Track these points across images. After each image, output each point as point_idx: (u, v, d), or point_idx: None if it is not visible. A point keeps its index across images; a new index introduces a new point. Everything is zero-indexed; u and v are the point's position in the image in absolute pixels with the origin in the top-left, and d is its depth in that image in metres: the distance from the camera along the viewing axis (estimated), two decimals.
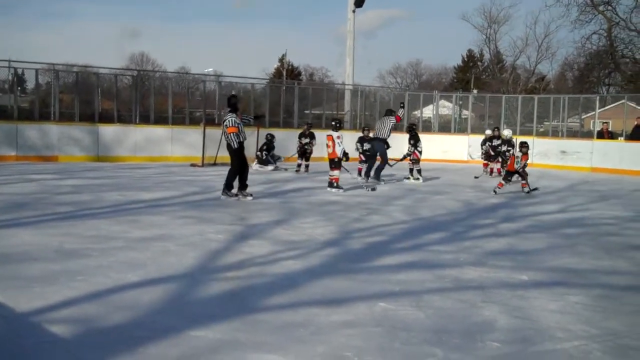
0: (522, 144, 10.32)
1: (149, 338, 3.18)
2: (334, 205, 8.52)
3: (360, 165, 12.18)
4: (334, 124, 10.49)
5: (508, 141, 13.09)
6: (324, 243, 5.82)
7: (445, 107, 23.59)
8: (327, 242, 5.86)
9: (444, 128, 20.80)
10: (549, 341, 3.38)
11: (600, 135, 17.60)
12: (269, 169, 13.87)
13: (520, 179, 10.32)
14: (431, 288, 4.38)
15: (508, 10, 55.34)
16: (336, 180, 10.10)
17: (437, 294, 4.24)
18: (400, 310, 3.84)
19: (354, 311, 3.78)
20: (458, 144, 19.10)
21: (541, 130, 20.18)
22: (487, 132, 14.56)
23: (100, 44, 74.32)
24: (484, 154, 14.32)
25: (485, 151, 14.19)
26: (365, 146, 12.10)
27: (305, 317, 3.62)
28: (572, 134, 19.48)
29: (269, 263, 4.95)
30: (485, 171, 13.94)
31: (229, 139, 8.56)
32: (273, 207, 8.14)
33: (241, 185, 8.65)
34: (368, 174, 11.70)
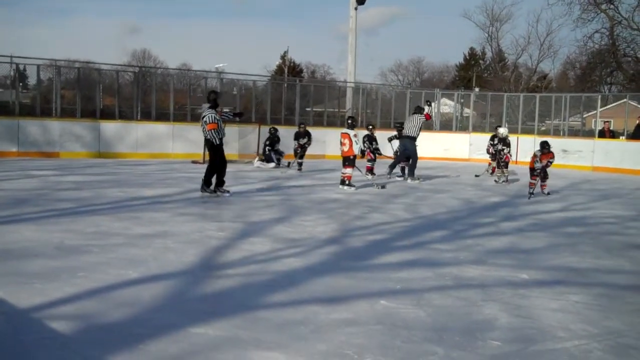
0: (543, 144, 9.82)
1: (149, 335, 3.18)
2: (335, 203, 8.52)
3: (368, 163, 12.22)
4: (350, 122, 10.48)
5: (503, 139, 12.97)
6: (324, 241, 5.82)
7: (447, 105, 23.57)
8: (328, 240, 5.86)
9: (446, 126, 20.78)
10: (550, 340, 3.38)
11: (602, 134, 17.59)
12: (271, 166, 13.86)
13: (541, 180, 9.88)
14: (432, 286, 4.38)
15: (510, 8, 55.60)
16: (349, 178, 10.13)
17: (438, 292, 4.23)
18: (401, 308, 3.83)
19: (355, 309, 3.78)
20: (459, 142, 19.09)
21: (542, 129, 20.16)
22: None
23: (102, 41, 74.46)
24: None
25: (487, 149, 14.14)
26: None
27: (306, 315, 3.62)
28: (574, 133, 19.46)
29: (270, 260, 4.95)
30: (487, 169, 13.89)
31: (210, 136, 8.53)
32: (274, 205, 8.14)
33: (218, 181, 8.66)
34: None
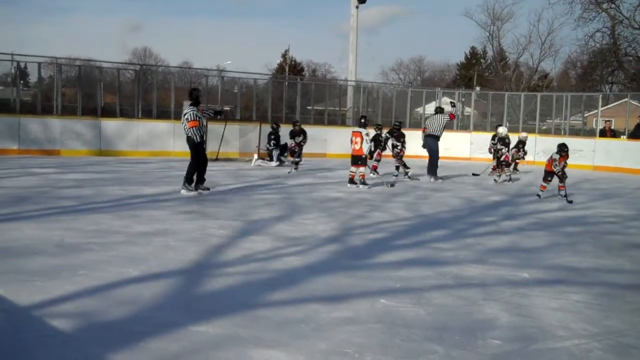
0: (561, 146, 9.69)
1: (149, 333, 3.18)
2: (335, 202, 8.52)
3: (375, 163, 12.25)
4: (362, 121, 10.49)
5: (502, 139, 12.96)
6: (325, 239, 5.82)
7: (448, 105, 23.52)
8: (329, 239, 5.86)
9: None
10: (550, 339, 3.38)
11: (603, 133, 17.58)
12: (273, 164, 13.85)
13: (559, 181, 9.76)
14: (432, 285, 4.38)
15: (511, 7, 55.41)
16: (362, 176, 10.20)
17: (438, 291, 4.23)
18: (401, 307, 3.83)
19: (355, 308, 3.78)
20: (460, 141, 19.07)
21: (543, 128, 20.16)
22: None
23: (103, 39, 74.39)
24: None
25: (488, 148, 14.14)
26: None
27: (306, 313, 3.62)
28: (575, 132, 19.46)
29: (270, 259, 4.95)
30: (487, 169, 13.88)
31: (191, 133, 8.54)
32: (274, 203, 8.14)
33: (199, 179, 8.70)
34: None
